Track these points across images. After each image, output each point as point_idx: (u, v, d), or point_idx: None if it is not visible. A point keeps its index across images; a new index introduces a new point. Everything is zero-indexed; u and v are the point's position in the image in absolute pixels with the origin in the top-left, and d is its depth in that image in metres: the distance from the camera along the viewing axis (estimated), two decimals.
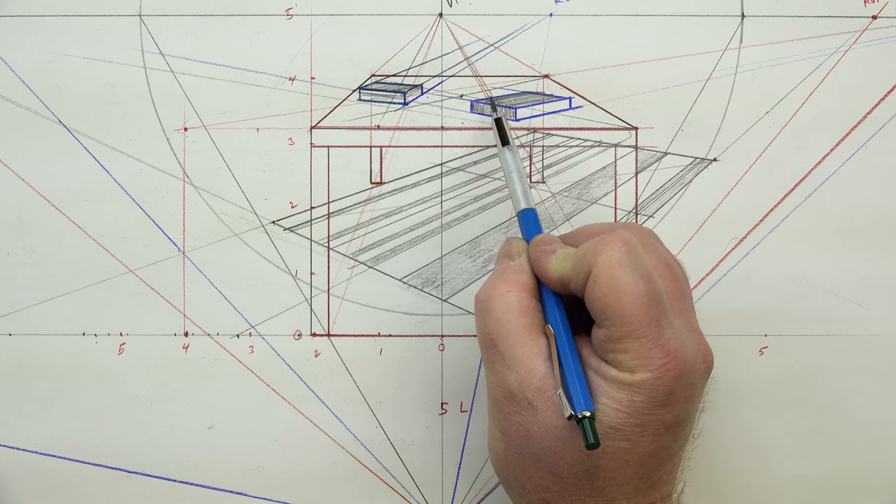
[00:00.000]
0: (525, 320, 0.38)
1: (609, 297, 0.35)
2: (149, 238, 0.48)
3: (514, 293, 0.38)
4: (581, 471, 0.36)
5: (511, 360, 0.37)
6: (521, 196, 0.43)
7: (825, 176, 0.48)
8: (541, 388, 0.36)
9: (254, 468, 0.48)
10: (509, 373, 0.37)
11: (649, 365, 0.35)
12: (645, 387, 0.35)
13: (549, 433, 0.36)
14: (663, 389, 0.35)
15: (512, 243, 0.42)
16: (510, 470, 0.38)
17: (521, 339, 0.37)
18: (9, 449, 0.48)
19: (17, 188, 0.48)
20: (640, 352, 0.35)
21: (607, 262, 0.35)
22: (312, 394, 0.48)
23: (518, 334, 0.37)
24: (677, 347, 0.35)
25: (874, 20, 0.48)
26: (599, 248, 0.36)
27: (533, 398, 0.36)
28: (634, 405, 0.35)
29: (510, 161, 0.44)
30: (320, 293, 0.48)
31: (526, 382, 0.36)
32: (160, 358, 0.48)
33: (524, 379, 0.37)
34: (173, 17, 0.48)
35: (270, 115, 0.48)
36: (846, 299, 0.48)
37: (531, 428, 0.36)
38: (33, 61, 0.48)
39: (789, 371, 0.48)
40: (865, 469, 0.48)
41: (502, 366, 0.37)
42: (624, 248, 0.36)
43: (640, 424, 0.35)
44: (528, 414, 0.36)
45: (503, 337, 0.37)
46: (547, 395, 0.36)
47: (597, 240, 0.37)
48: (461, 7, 0.48)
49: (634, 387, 0.35)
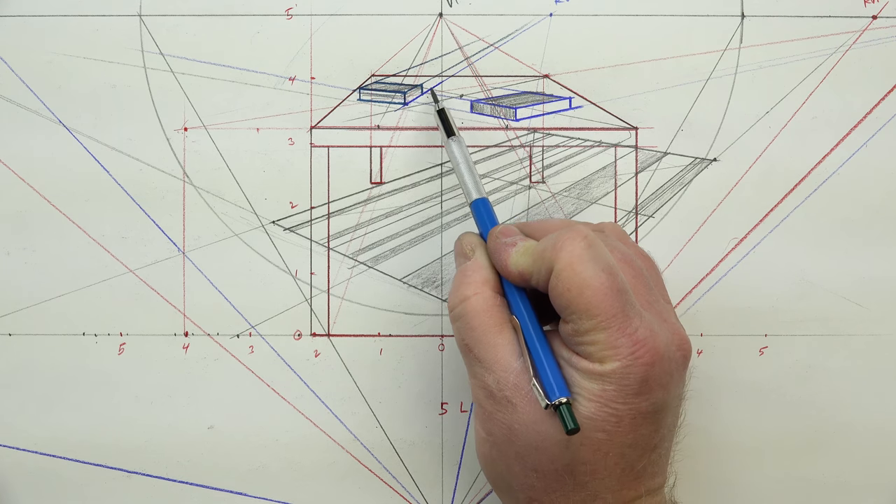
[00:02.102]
0: (493, 320, 0.38)
1: (572, 291, 0.35)
2: (149, 238, 0.48)
3: (479, 295, 0.38)
4: (562, 465, 0.36)
5: (487, 361, 0.37)
6: (471, 187, 0.43)
7: (825, 176, 0.48)
8: (517, 384, 0.37)
9: (254, 468, 0.48)
10: (487, 374, 0.37)
11: (618, 354, 0.35)
12: (615, 376, 0.35)
13: (529, 429, 0.36)
14: (635, 378, 0.35)
15: (464, 240, 0.42)
16: (497, 470, 0.38)
17: (492, 340, 0.37)
18: (9, 449, 0.48)
19: (17, 188, 0.48)
20: (608, 342, 0.35)
21: (568, 258, 0.36)
22: (312, 394, 0.48)
23: (489, 335, 0.38)
24: (646, 335, 0.35)
25: (874, 20, 0.48)
26: (560, 243, 0.36)
27: (511, 396, 0.37)
28: (606, 394, 0.35)
29: (457, 152, 0.44)
30: (320, 293, 0.48)
31: (503, 381, 0.37)
32: (160, 358, 0.48)
33: (501, 378, 0.37)
34: (173, 17, 0.48)
35: (270, 115, 0.48)
36: (846, 299, 0.48)
37: (512, 426, 0.37)
38: (33, 61, 0.48)
39: (789, 371, 0.48)
40: (865, 469, 0.48)
41: (480, 368, 0.38)
42: (584, 244, 0.36)
43: (615, 414, 0.35)
44: (508, 412, 0.37)
45: (476, 340, 0.38)
46: (524, 392, 0.36)
47: (555, 236, 0.37)
48: (461, 7, 0.48)
49: (605, 377, 0.35)
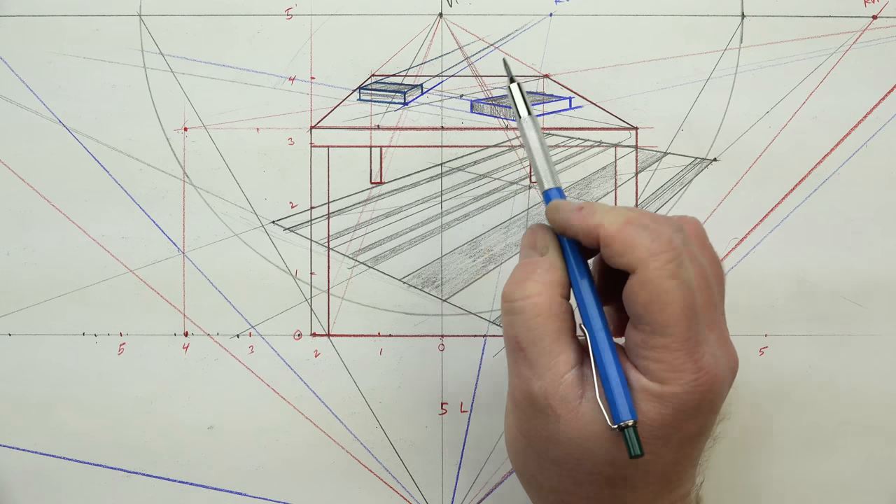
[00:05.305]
0: (555, 325, 0.36)
1: (654, 305, 0.34)
2: (149, 238, 0.48)
3: (545, 296, 0.36)
4: (602, 479, 0.35)
5: (538, 366, 0.36)
6: (547, 175, 0.38)
7: (825, 176, 0.48)
8: (566, 397, 0.35)
9: (254, 468, 0.48)
10: (535, 379, 0.36)
11: (681, 379, 0.34)
12: (674, 400, 0.34)
13: (572, 442, 0.35)
14: (692, 404, 0.34)
15: (538, 233, 0.38)
16: (528, 469, 0.38)
17: (549, 346, 0.35)
18: (9, 449, 0.48)
19: (17, 188, 0.48)
20: (674, 364, 0.34)
21: (656, 271, 0.34)
22: (312, 394, 0.48)
23: (546, 341, 0.36)
24: (710, 363, 0.34)
25: (874, 20, 0.48)
26: (651, 248, 0.34)
27: (557, 406, 0.35)
28: (662, 418, 0.34)
29: (533, 134, 0.39)
30: (320, 293, 0.48)
31: (551, 391, 0.35)
32: (160, 358, 0.48)
33: (549, 387, 0.35)
34: (173, 17, 0.48)
35: (270, 115, 0.48)
36: (846, 299, 0.48)
37: (552, 436, 0.35)
38: (33, 61, 0.48)
39: (789, 371, 0.48)
40: (865, 469, 0.48)
41: (528, 370, 0.36)
42: (675, 261, 0.34)
43: (665, 437, 0.35)
44: (550, 421, 0.35)
45: (531, 342, 0.36)
46: (571, 406, 0.35)
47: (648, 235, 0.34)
48: (461, 7, 0.48)
49: (663, 399, 0.34)
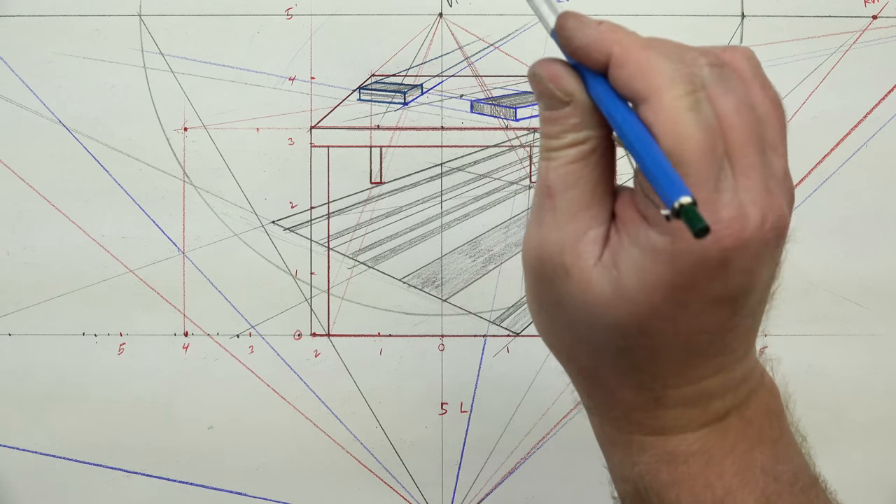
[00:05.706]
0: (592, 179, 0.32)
1: (668, 138, 0.29)
2: (149, 238, 0.48)
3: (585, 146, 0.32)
4: (616, 348, 0.32)
5: (563, 214, 0.32)
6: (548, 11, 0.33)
7: (825, 176, 0.48)
8: (582, 254, 0.32)
9: (254, 468, 0.48)
10: (554, 230, 0.32)
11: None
12: (686, 257, 0.30)
13: (580, 305, 0.32)
14: (710, 262, 0.30)
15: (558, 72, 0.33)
16: (546, 334, 0.35)
17: (580, 198, 0.32)
18: (9, 449, 0.48)
19: (17, 188, 0.48)
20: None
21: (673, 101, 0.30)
22: (312, 394, 0.48)
23: (578, 190, 0.32)
24: (732, 215, 0.30)
25: (874, 20, 0.48)
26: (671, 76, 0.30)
27: (569, 264, 0.32)
28: (673, 277, 0.30)
29: None
30: (320, 293, 0.48)
31: (569, 245, 0.32)
32: (160, 358, 0.48)
33: (568, 241, 0.32)
34: (173, 17, 0.48)
35: (270, 115, 0.48)
36: (846, 299, 0.48)
37: (562, 297, 0.33)
38: (33, 61, 0.48)
39: (789, 371, 0.48)
40: (865, 469, 0.48)
41: (551, 219, 0.32)
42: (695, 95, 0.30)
43: (682, 300, 0.30)
44: (559, 280, 0.32)
45: (565, 187, 0.32)
46: (585, 265, 0.32)
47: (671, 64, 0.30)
48: (461, 7, 0.48)
49: (675, 255, 0.30)
